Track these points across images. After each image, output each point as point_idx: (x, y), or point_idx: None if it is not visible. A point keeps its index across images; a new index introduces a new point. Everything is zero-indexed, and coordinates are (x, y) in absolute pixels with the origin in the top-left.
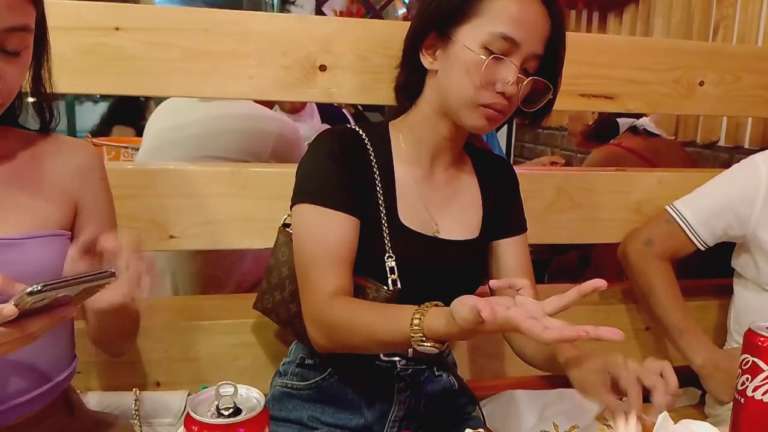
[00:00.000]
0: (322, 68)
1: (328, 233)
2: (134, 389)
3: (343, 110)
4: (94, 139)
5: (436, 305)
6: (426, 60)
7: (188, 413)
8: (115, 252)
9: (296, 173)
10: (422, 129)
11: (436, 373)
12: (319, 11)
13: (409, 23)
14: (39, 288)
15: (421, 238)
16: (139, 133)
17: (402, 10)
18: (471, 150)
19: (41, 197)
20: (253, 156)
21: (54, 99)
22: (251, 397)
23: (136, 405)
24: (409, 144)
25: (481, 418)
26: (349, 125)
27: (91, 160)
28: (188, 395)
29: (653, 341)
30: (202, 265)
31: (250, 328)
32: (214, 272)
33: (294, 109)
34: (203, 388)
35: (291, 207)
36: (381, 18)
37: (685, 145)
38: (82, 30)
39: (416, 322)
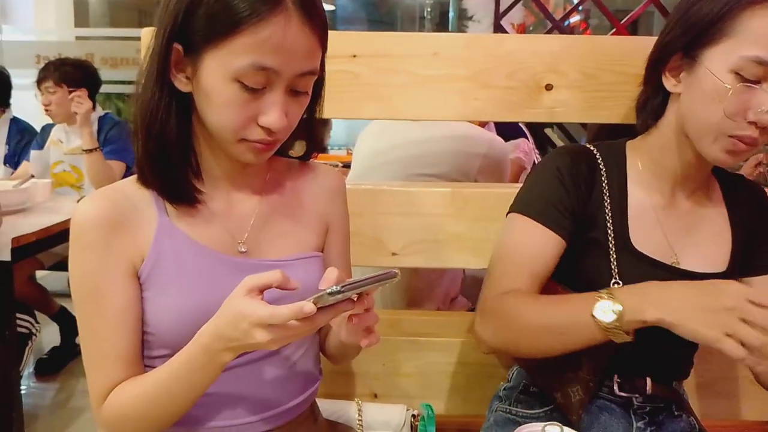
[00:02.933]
0: (548, 87)
1: (526, 242)
2: (356, 400)
3: (519, 123)
4: None
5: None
6: (669, 82)
7: None
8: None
9: (524, 183)
10: (663, 153)
11: (675, 413)
12: (497, 25)
13: (636, 38)
14: (338, 289)
15: (657, 265)
16: None
17: (575, 18)
18: (720, 174)
19: (301, 222)
20: (462, 174)
21: (322, 134)
22: None
23: (359, 415)
24: (647, 168)
25: None
26: (584, 144)
27: (338, 184)
28: (407, 410)
29: None
30: (408, 281)
31: (463, 347)
32: (418, 288)
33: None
34: (426, 406)
35: (507, 214)
36: (561, 28)
37: None
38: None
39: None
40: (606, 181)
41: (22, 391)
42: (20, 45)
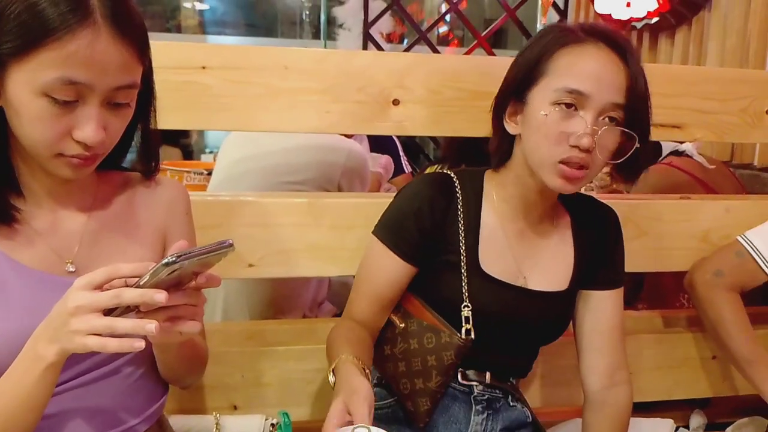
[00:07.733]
0: (395, 102)
1: (381, 271)
2: (214, 413)
3: (393, 136)
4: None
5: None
6: (510, 127)
7: None
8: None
9: (390, 203)
10: (514, 187)
11: (511, 403)
12: (366, 34)
13: (472, 57)
14: (173, 259)
15: (505, 287)
16: (185, 152)
17: (443, 28)
18: (569, 200)
19: (136, 238)
20: (326, 182)
21: (158, 146)
22: None
23: (217, 428)
24: (501, 198)
25: None
26: (445, 171)
27: (179, 196)
28: (265, 419)
29: (720, 369)
30: (273, 290)
31: (322, 353)
32: (284, 295)
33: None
34: (283, 414)
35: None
36: (427, 38)
37: (741, 168)
38: (171, 69)
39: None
40: (462, 209)
41: None
42: None
